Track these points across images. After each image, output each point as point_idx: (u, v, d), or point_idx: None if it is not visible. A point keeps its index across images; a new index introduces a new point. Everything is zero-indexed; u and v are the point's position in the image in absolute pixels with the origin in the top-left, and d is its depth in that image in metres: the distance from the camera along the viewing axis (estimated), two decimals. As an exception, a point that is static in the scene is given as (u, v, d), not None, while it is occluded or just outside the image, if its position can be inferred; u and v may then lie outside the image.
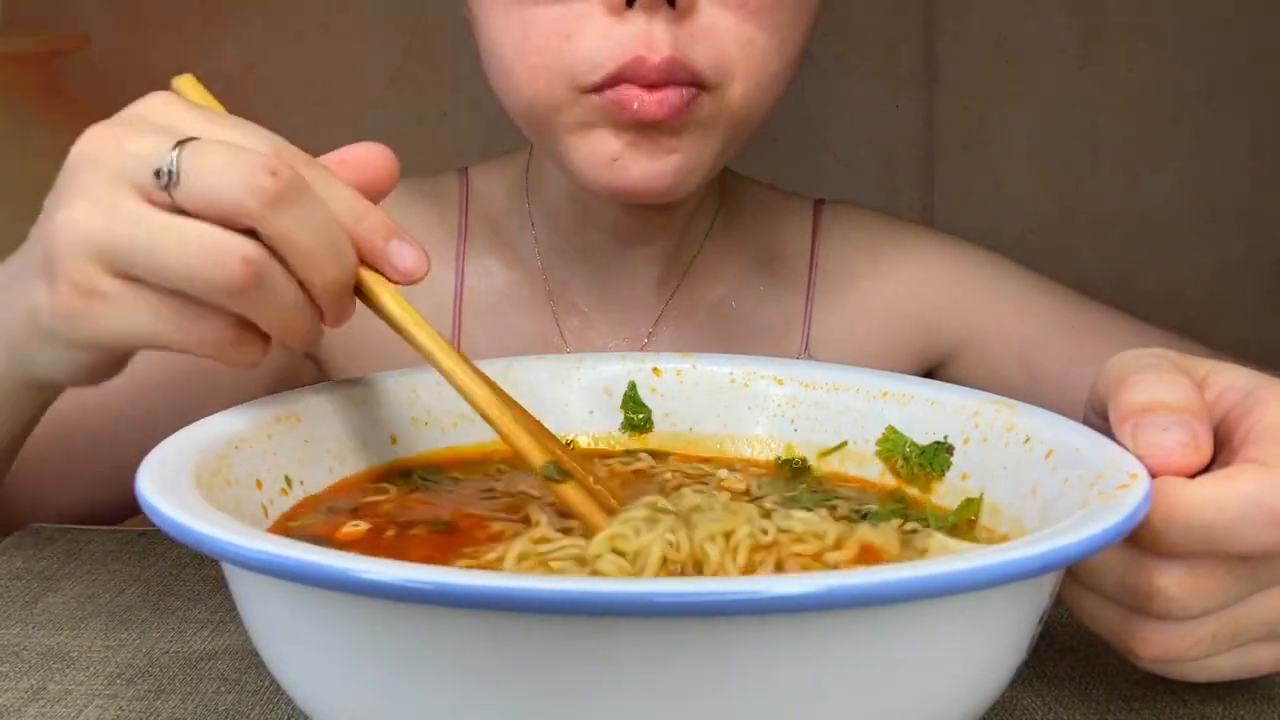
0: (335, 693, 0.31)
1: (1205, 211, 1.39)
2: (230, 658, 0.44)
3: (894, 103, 1.37)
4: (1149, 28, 1.35)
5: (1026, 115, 1.37)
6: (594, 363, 0.52)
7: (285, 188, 0.38)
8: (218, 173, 0.38)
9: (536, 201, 0.74)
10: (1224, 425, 0.39)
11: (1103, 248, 1.39)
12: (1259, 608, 0.37)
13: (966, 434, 0.45)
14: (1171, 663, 0.38)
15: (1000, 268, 0.76)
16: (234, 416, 0.41)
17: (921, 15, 1.35)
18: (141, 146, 0.39)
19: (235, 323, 0.40)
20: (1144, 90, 1.36)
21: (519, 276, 0.74)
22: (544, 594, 0.25)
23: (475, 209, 0.76)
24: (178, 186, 0.38)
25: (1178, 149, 1.38)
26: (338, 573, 0.27)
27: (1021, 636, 0.32)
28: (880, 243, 0.77)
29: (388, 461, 0.47)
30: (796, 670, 0.28)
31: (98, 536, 0.57)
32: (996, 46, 1.35)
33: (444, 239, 0.75)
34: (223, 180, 0.38)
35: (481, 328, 0.74)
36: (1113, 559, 0.37)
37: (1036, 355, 0.73)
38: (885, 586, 0.26)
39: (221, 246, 0.38)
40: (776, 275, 0.76)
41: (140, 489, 0.33)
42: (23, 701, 0.41)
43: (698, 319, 0.74)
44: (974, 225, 1.34)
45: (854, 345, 0.74)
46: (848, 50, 1.34)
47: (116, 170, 0.39)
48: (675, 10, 0.54)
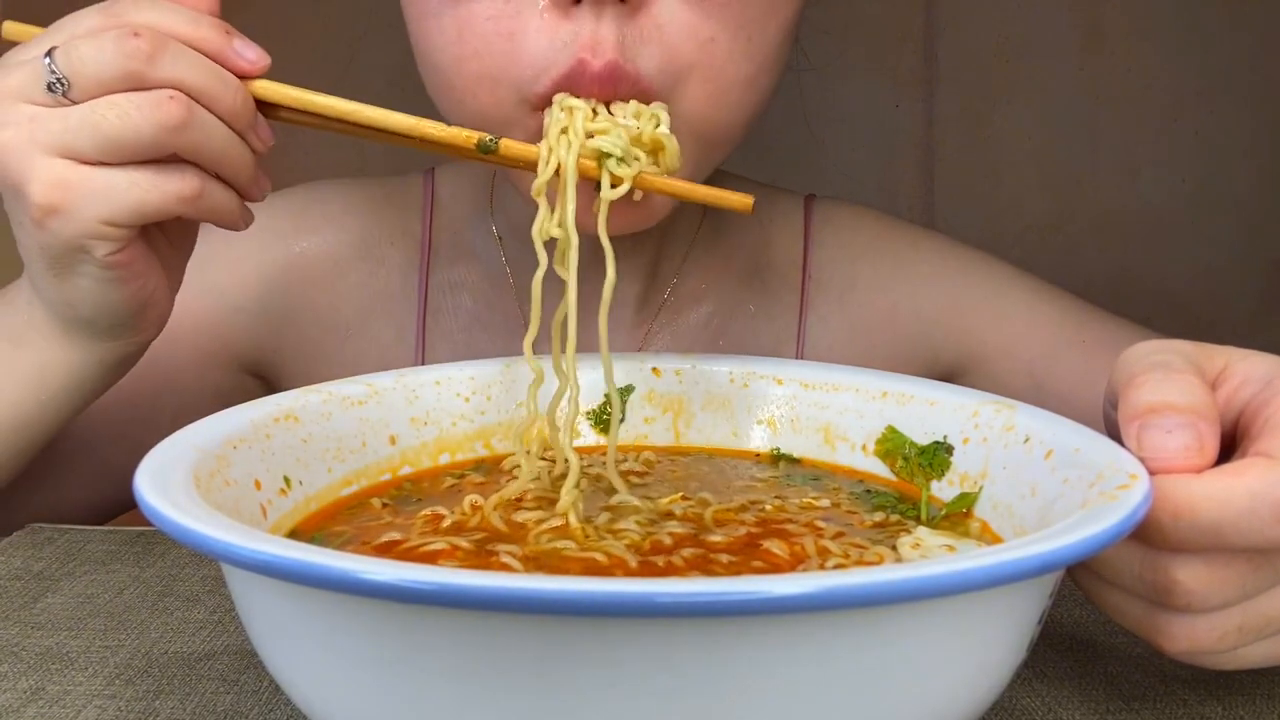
0: (334, 693, 0.30)
1: (1204, 211, 1.39)
2: (229, 658, 0.44)
3: (894, 103, 1.37)
4: (1149, 28, 1.35)
5: (1026, 115, 1.37)
6: (594, 362, 0.52)
7: (153, 38, 0.44)
8: (95, 58, 0.44)
9: (501, 216, 0.71)
10: (1244, 415, 0.38)
11: (1102, 247, 1.39)
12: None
13: (966, 434, 0.45)
14: (1199, 655, 0.37)
15: (1003, 277, 0.73)
16: (233, 416, 0.41)
17: (921, 15, 1.35)
18: (22, 75, 0.45)
19: (196, 172, 0.46)
20: (1144, 90, 1.36)
21: (489, 292, 0.71)
22: (544, 594, 0.25)
23: (440, 218, 0.73)
24: (72, 88, 0.44)
25: (1178, 148, 1.38)
26: (337, 573, 0.27)
27: (1021, 637, 0.32)
28: (876, 250, 0.73)
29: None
30: (796, 670, 0.28)
31: (97, 537, 0.57)
32: (996, 46, 1.35)
33: (407, 251, 0.72)
34: (102, 61, 0.44)
35: (448, 349, 0.71)
36: (1128, 554, 0.36)
37: (1045, 372, 0.70)
38: (885, 587, 0.26)
39: (146, 97, 0.44)
40: (767, 289, 0.73)
41: (139, 490, 0.33)
42: (22, 702, 0.41)
43: (684, 342, 0.71)
44: (974, 225, 1.35)
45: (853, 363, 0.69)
46: (847, 50, 1.34)
47: (15, 97, 0.45)
48: (626, 4, 0.49)
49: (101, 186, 0.45)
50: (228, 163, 0.47)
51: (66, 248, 0.46)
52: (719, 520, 0.43)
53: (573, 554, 0.39)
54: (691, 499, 0.45)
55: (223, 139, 0.46)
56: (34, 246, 0.48)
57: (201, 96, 0.45)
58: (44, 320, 0.51)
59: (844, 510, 0.44)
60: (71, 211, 0.45)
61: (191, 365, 0.69)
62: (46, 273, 0.48)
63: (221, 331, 0.70)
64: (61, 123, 0.44)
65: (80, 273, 0.48)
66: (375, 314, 0.72)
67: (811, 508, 0.44)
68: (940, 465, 0.46)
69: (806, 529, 0.42)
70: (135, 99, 0.44)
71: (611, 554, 0.38)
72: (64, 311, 0.50)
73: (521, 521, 0.42)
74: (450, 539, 0.40)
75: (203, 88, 0.45)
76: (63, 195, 0.45)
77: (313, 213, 0.72)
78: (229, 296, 0.70)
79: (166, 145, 0.45)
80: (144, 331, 0.52)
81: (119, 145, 0.44)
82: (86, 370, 0.53)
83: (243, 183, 0.48)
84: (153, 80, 0.44)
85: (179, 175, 0.46)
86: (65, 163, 0.45)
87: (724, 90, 0.52)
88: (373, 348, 0.71)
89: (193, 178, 0.46)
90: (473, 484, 0.47)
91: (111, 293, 0.49)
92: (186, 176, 0.46)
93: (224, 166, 0.47)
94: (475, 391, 0.51)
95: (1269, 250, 1.40)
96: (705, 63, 0.51)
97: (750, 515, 0.43)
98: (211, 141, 0.46)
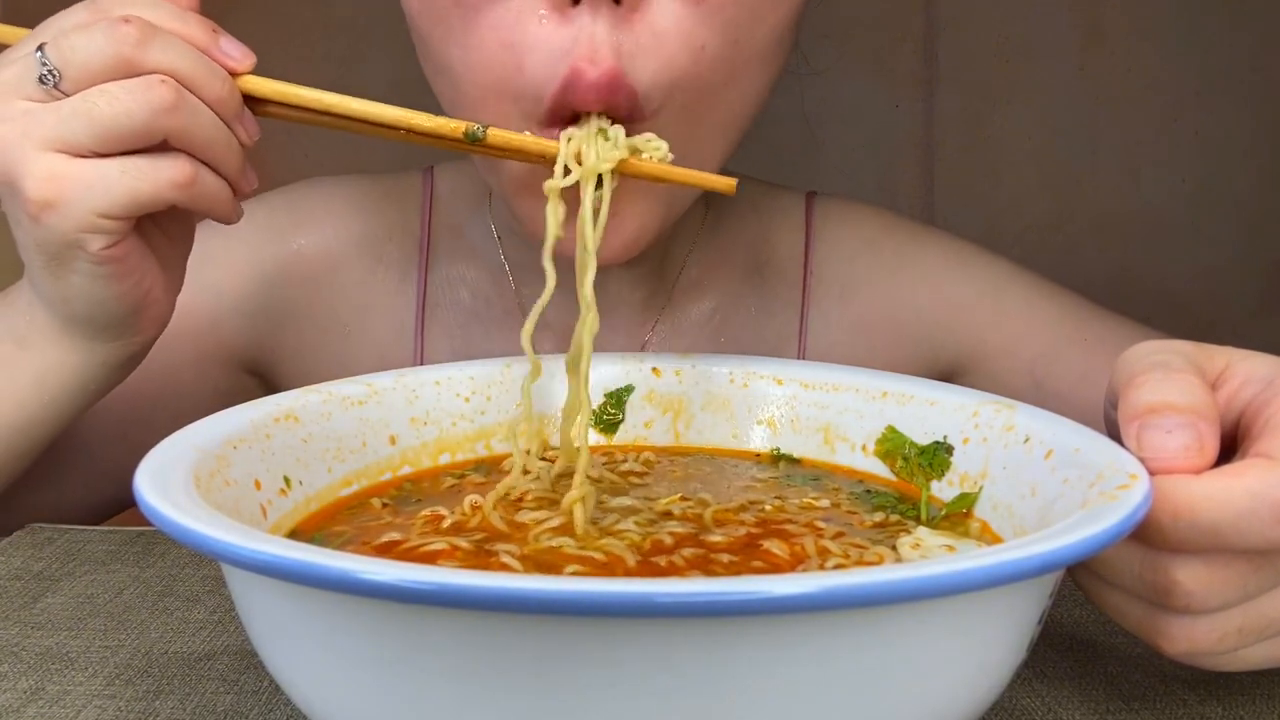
0: (334, 693, 0.30)
1: (1204, 211, 1.39)
2: (229, 658, 0.44)
3: (894, 103, 1.37)
4: (1149, 28, 1.35)
5: (1026, 115, 1.37)
6: (594, 362, 0.52)
7: (142, 25, 0.45)
8: (85, 47, 0.44)
9: (499, 214, 0.71)
10: (1245, 415, 0.38)
11: (1102, 247, 1.40)
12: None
13: (966, 434, 0.45)
14: (1199, 656, 0.37)
15: (1005, 274, 0.73)
16: (232, 416, 0.41)
17: (921, 15, 1.35)
18: (14, 71, 0.46)
19: (188, 158, 0.46)
20: (1144, 90, 1.36)
21: (488, 291, 0.71)
22: (543, 594, 0.25)
23: (438, 215, 0.73)
24: (64, 79, 0.45)
25: (1177, 149, 1.38)
26: (337, 573, 0.27)
27: (1021, 637, 0.32)
28: (877, 247, 0.73)
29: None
30: (796, 670, 0.28)
31: (96, 537, 0.57)
32: (996, 46, 1.36)
33: (405, 248, 0.72)
34: (92, 49, 0.44)
35: (447, 346, 0.71)
36: (1128, 555, 0.36)
37: (1046, 371, 0.70)
38: (885, 587, 0.26)
39: (137, 82, 0.45)
40: (769, 286, 0.73)
41: (139, 490, 0.32)
42: (21, 702, 0.41)
43: (685, 341, 0.71)
44: (974, 225, 1.35)
45: (854, 361, 0.67)
46: (847, 50, 1.34)
47: (9, 92, 0.45)
48: (621, 6, 0.48)
49: (95, 178, 0.45)
50: (216, 148, 0.47)
51: (62, 242, 0.47)
52: (719, 520, 0.43)
53: (572, 551, 0.39)
54: (691, 499, 0.45)
55: (211, 124, 0.47)
56: (31, 243, 0.48)
57: (190, 83, 0.46)
58: (46, 321, 0.51)
59: (844, 510, 0.44)
60: (66, 205, 0.45)
61: (190, 364, 0.69)
62: (43, 269, 0.49)
63: (220, 330, 0.70)
64: (54, 115, 0.45)
65: (75, 269, 0.48)
66: (373, 311, 0.72)
67: (811, 508, 0.44)
68: (940, 465, 0.46)
69: (806, 529, 0.42)
70: (126, 84, 0.45)
71: (611, 552, 0.38)
72: (61, 309, 0.50)
73: (522, 522, 0.42)
74: (450, 539, 0.40)
75: (191, 74, 0.46)
76: (57, 189, 0.45)
77: (311, 210, 0.72)
78: (227, 295, 0.70)
79: (157, 129, 0.45)
80: (144, 331, 0.52)
81: (111, 131, 0.45)
82: (89, 371, 0.53)
83: (231, 172, 0.49)
84: (143, 66, 0.45)
85: (171, 162, 0.46)
86: (59, 156, 0.45)
87: (709, 100, 0.52)
88: (371, 344, 0.71)
89: (185, 163, 0.46)
90: (473, 484, 0.47)
91: (106, 289, 0.49)
92: (179, 162, 0.46)
93: (212, 153, 0.47)
94: (475, 391, 0.51)
95: (1269, 250, 1.40)
96: (695, 72, 0.50)
97: (750, 515, 0.43)
98: (201, 128, 0.46)
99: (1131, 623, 0.38)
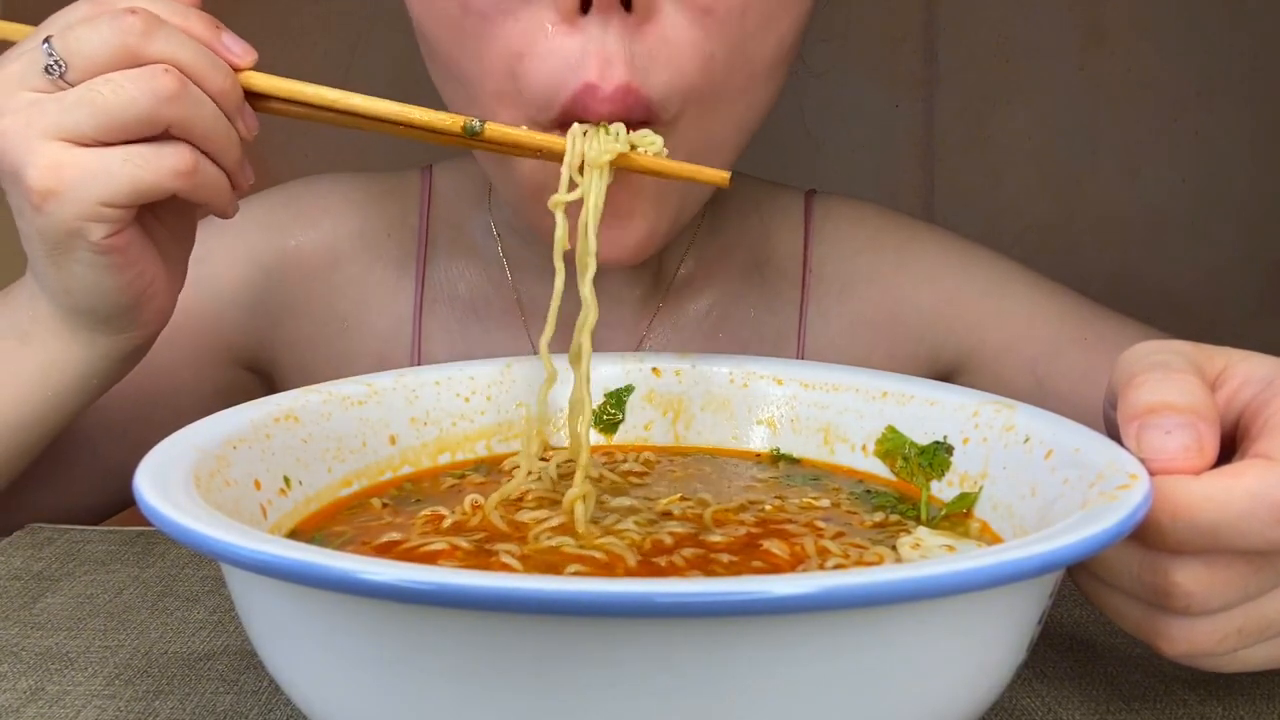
0: (334, 693, 0.30)
1: (1204, 211, 1.39)
2: (229, 658, 0.44)
3: (894, 103, 1.37)
4: (1149, 28, 1.35)
5: (1026, 115, 1.37)
6: (594, 363, 0.52)
7: (147, 16, 0.45)
8: (90, 37, 0.45)
9: (498, 211, 0.71)
10: (1244, 416, 0.38)
11: (1102, 247, 1.40)
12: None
13: (966, 434, 0.45)
14: (1199, 657, 0.37)
15: (1005, 272, 0.73)
16: (232, 416, 0.41)
17: (921, 15, 1.35)
18: (21, 63, 0.46)
19: (189, 148, 0.47)
20: (1144, 90, 1.36)
21: (486, 287, 0.71)
22: (544, 594, 0.25)
23: (437, 212, 0.73)
24: (69, 69, 0.45)
25: (1177, 149, 1.38)
26: (337, 573, 0.27)
27: (1021, 637, 0.32)
28: (877, 245, 0.73)
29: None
30: (796, 670, 0.28)
31: (96, 537, 0.57)
32: (996, 46, 1.36)
33: (404, 245, 0.72)
34: (98, 40, 0.45)
35: (445, 342, 0.71)
36: (1127, 556, 0.36)
37: (1048, 370, 0.70)
38: (885, 587, 0.26)
39: (142, 71, 0.45)
40: (768, 283, 0.73)
41: (139, 490, 0.32)
42: (21, 702, 0.41)
43: (684, 337, 0.71)
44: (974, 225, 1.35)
45: (854, 360, 0.69)
46: (847, 50, 1.34)
47: (16, 84, 0.46)
48: (632, 15, 0.48)
49: (97, 166, 0.45)
50: (217, 139, 0.48)
51: (64, 230, 0.47)
52: (719, 520, 0.43)
53: (572, 551, 0.39)
54: (691, 499, 0.45)
55: (213, 115, 0.47)
56: (33, 232, 0.48)
57: (193, 74, 0.46)
58: (48, 314, 0.52)
59: (844, 510, 0.44)
60: (68, 193, 0.46)
61: (189, 361, 0.69)
62: (46, 259, 0.49)
63: (219, 326, 0.70)
64: (58, 104, 0.45)
65: (77, 258, 0.48)
66: (371, 307, 0.72)
67: (811, 508, 0.44)
68: (940, 465, 0.45)
69: (806, 529, 0.42)
70: (130, 73, 0.45)
71: (611, 551, 0.38)
72: (64, 300, 0.50)
73: (523, 521, 0.42)
74: (450, 539, 0.40)
75: (194, 65, 0.46)
76: (59, 178, 0.45)
77: (310, 206, 0.72)
78: (226, 291, 0.70)
79: (160, 117, 0.46)
80: (146, 325, 0.53)
81: (115, 119, 0.45)
82: (92, 365, 0.53)
83: (230, 164, 0.49)
84: (147, 56, 0.45)
85: (173, 150, 0.47)
86: (62, 145, 0.45)
87: (719, 108, 0.52)
88: (369, 340, 0.72)
89: (186, 152, 0.47)
90: (473, 484, 0.47)
91: (108, 279, 0.49)
92: (180, 151, 0.47)
93: (213, 144, 0.48)
94: (475, 392, 0.51)
95: (1269, 250, 1.40)
96: (705, 81, 0.51)
97: (750, 515, 0.43)
98: (203, 118, 0.47)
99: (1131, 624, 0.38)
